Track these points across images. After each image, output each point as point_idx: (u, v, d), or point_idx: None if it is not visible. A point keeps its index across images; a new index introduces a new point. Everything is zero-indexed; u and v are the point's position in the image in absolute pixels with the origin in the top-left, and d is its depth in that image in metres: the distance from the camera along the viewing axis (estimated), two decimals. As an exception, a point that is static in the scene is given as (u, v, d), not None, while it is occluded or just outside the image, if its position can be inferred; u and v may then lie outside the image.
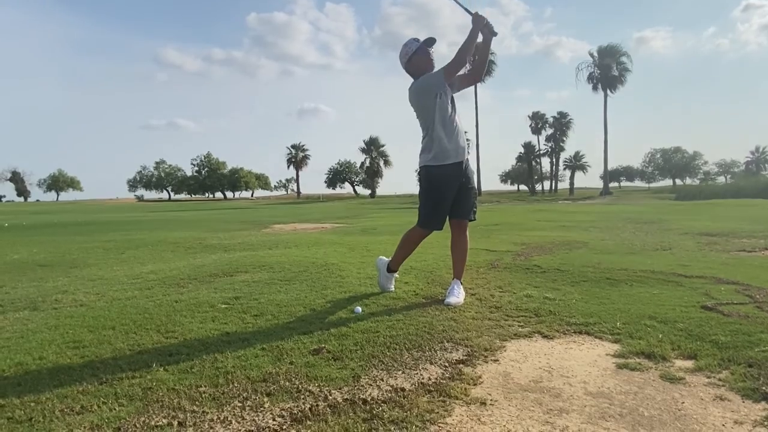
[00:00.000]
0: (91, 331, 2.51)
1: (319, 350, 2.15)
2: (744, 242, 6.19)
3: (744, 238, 6.74)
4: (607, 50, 45.25)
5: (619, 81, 45.16)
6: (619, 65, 45.11)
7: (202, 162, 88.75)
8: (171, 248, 6.54)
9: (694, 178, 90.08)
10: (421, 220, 3.21)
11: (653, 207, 18.46)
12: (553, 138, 59.43)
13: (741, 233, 7.26)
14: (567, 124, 58.15)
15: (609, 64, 44.80)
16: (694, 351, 2.10)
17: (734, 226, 8.42)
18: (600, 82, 45.51)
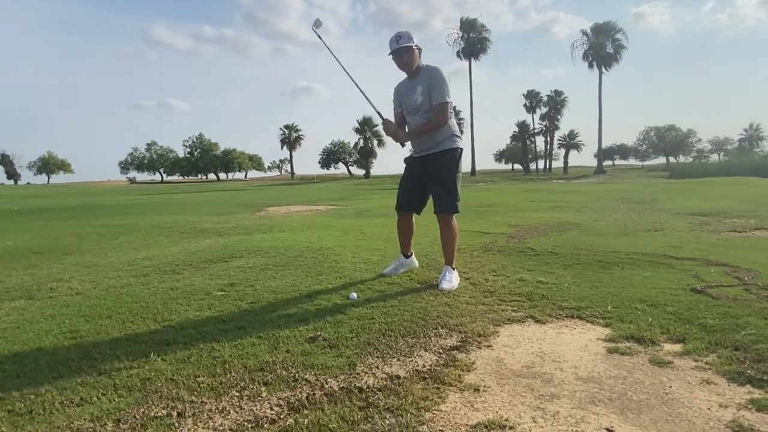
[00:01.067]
0: (88, 321, 2.52)
1: (315, 338, 2.18)
2: (735, 222, 6.26)
3: (735, 217, 6.81)
4: (602, 27, 44.79)
5: (614, 58, 44.84)
6: (614, 42, 44.73)
7: (195, 143, 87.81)
8: (165, 233, 6.53)
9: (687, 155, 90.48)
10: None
11: (646, 186, 18.54)
12: (548, 117, 59.28)
13: (732, 212, 7.33)
14: (562, 102, 57.92)
15: (603, 41, 44.40)
16: (683, 334, 2.15)
17: (726, 205, 8.49)
18: (595, 60, 45.17)
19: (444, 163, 3.17)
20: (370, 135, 58.66)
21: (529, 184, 28.57)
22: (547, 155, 63.88)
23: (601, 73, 45.10)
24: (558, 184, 28.35)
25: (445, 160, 3.16)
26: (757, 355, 1.88)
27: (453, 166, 3.18)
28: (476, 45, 49.28)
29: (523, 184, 29.72)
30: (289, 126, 72.08)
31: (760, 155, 48.52)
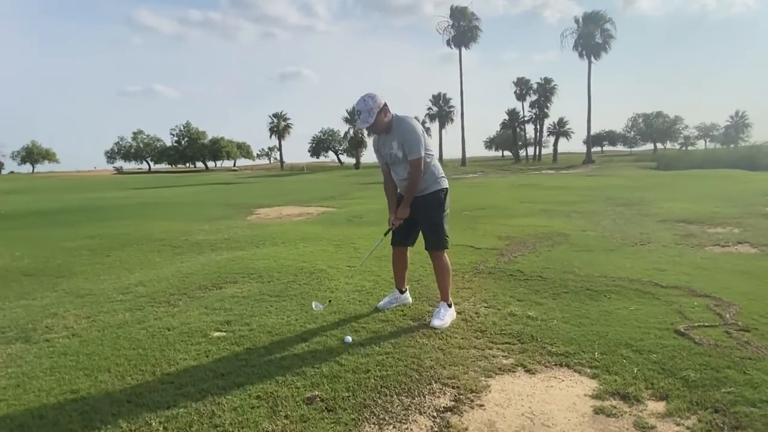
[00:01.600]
0: (87, 376, 2.56)
1: (312, 399, 2.24)
2: (719, 233, 6.41)
3: (719, 225, 6.96)
4: (591, 17, 44.73)
5: (603, 48, 44.88)
6: (603, 32, 44.72)
7: (182, 132, 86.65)
8: (157, 247, 6.52)
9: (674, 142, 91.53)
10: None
11: (634, 180, 18.74)
12: (538, 104, 59.32)
13: (717, 219, 7.48)
14: (551, 90, 57.95)
15: (593, 31, 44.39)
16: (666, 391, 2.24)
17: (711, 209, 8.66)
18: (584, 49, 45.18)
19: (431, 204, 3.26)
20: (360, 124, 58.38)
21: (519, 175, 28.70)
22: (536, 143, 64.11)
23: (590, 63, 45.19)
24: (547, 174, 28.54)
25: (431, 201, 3.26)
26: (735, 420, 1.98)
27: (439, 206, 3.27)
28: (467, 33, 48.99)
29: (513, 175, 29.85)
30: (278, 114, 71.26)
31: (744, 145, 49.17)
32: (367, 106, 3.03)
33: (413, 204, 3.25)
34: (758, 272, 4.29)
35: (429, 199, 3.24)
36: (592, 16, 44.91)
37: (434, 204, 3.25)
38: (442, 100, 59.08)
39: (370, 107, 3.03)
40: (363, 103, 3.04)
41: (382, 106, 3.07)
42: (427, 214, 3.26)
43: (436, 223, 3.25)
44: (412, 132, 3.11)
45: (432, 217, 3.25)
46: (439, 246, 3.26)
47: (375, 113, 3.03)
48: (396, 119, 3.15)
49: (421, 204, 3.24)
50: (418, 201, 3.25)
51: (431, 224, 3.26)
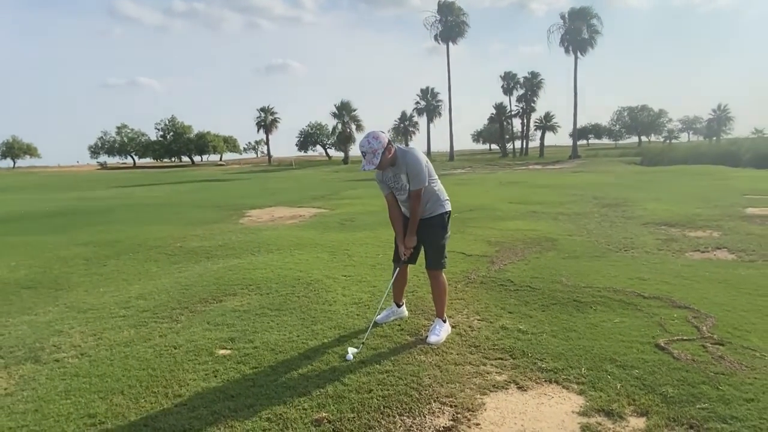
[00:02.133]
0: (102, 399, 2.68)
1: (320, 421, 2.39)
2: (699, 237, 6.67)
3: (699, 229, 7.23)
4: (578, 13, 45.09)
5: (589, 44, 45.30)
6: (590, 28, 45.14)
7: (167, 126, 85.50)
8: (153, 256, 6.60)
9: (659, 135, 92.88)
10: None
11: (619, 177, 19.13)
12: (524, 98, 59.68)
13: (698, 221, 7.77)
14: (538, 84, 58.33)
15: (579, 27, 44.78)
16: (646, 407, 2.43)
17: (693, 210, 8.95)
18: (570, 45, 45.57)
19: (435, 226, 3.41)
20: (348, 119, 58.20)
21: (507, 171, 29.04)
22: (523, 137, 64.60)
23: (577, 58, 45.64)
24: (534, 170, 28.92)
25: (436, 223, 3.41)
26: (707, 437, 2.17)
27: (442, 228, 3.43)
28: (454, 29, 49.09)
29: (501, 170, 30.19)
30: (265, 108, 70.67)
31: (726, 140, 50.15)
32: (372, 147, 3.13)
33: (419, 226, 3.40)
34: (734, 281, 4.52)
35: (434, 221, 3.40)
36: (578, 12, 45.28)
37: (438, 226, 3.41)
38: (429, 94, 59.18)
39: (375, 149, 3.13)
40: (368, 145, 3.14)
41: (386, 145, 3.16)
42: (431, 236, 3.42)
43: (439, 244, 3.41)
44: (417, 164, 3.22)
45: (435, 239, 3.41)
46: (439, 265, 3.43)
47: (380, 154, 3.14)
48: (400, 152, 3.26)
49: (426, 226, 3.40)
50: (423, 223, 3.40)
51: (434, 245, 3.42)
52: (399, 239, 3.51)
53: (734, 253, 5.71)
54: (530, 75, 58.40)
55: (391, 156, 3.23)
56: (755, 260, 5.32)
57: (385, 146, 3.17)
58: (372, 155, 3.15)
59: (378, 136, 3.17)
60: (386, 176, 3.39)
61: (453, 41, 49.96)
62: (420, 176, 3.24)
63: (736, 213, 8.51)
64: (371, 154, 3.15)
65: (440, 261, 3.43)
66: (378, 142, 3.15)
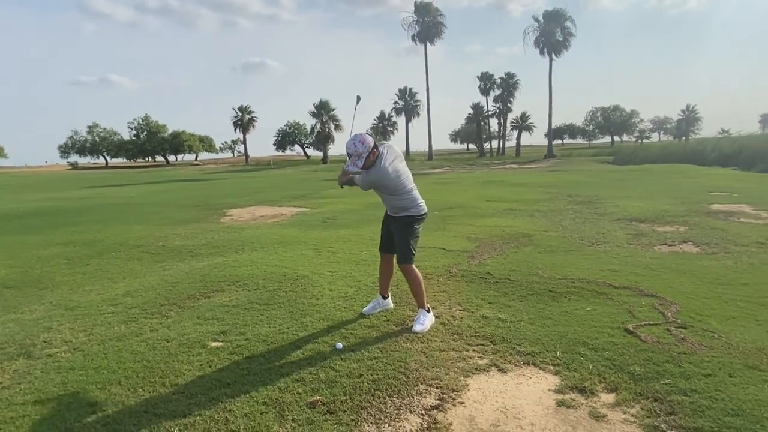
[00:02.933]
0: (101, 389, 2.76)
1: (314, 403, 2.53)
2: (667, 232, 7.02)
3: (667, 224, 7.60)
4: (552, 15, 46.04)
5: (563, 46, 46.30)
6: (564, 30, 46.12)
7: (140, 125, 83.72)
8: (136, 255, 6.60)
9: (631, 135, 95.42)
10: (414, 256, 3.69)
11: (592, 176, 19.68)
12: (501, 99, 60.58)
13: (666, 217, 8.14)
14: (514, 84, 59.29)
15: (553, 29, 45.73)
16: (616, 384, 2.65)
17: (661, 207, 9.36)
18: (545, 47, 46.49)
19: (405, 224, 3.59)
20: (327, 119, 58.06)
21: (485, 170, 29.50)
22: (500, 137, 65.59)
23: (551, 60, 46.55)
24: (511, 170, 29.46)
25: (404, 222, 3.59)
26: (670, 407, 2.39)
27: (410, 227, 3.59)
28: (431, 29, 49.49)
29: (479, 170, 30.65)
30: (242, 108, 69.89)
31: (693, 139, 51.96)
32: (357, 151, 3.30)
33: (393, 220, 3.61)
34: (698, 271, 4.82)
35: (404, 220, 3.59)
36: (552, 14, 46.22)
37: (407, 225, 3.59)
38: (408, 94, 59.53)
39: (360, 152, 3.30)
40: (354, 148, 3.30)
41: (371, 149, 3.33)
42: (399, 233, 3.61)
43: (406, 240, 3.59)
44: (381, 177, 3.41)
45: (403, 236, 3.59)
46: (407, 260, 3.59)
47: (364, 157, 3.32)
48: (379, 160, 3.41)
49: (398, 223, 3.60)
50: (396, 220, 3.61)
51: (402, 241, 3.60)
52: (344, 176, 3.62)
53: (698, 246, 6.05)
54: (506, 76, 59.32)
55: (374, 158, 3.40)
56: (717, 252, 5.66)
57: (370, 150, 3.33)
58: (357, 158, 3.31)
59: (365, 140, 3.32)
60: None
61: (430, 41, 50.39)
62: (365, 184, 3.47)
63: (701, 209, 8.94)
64: (356, 156, 3.31)
65: (408, 256, 3.60)
66: (363, 146, 3.31)
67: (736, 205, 9.27)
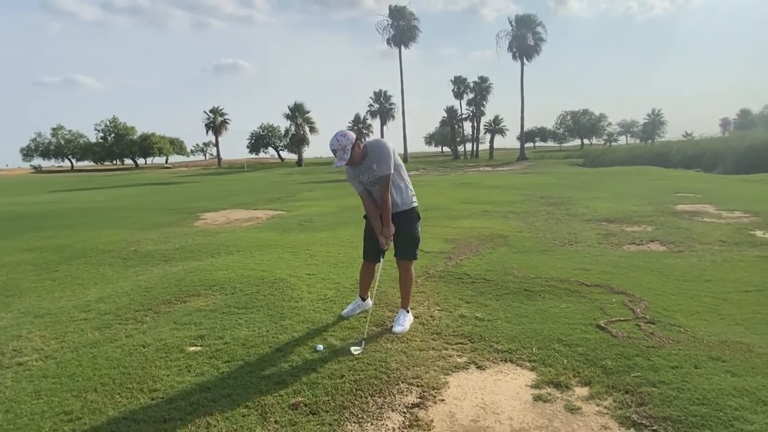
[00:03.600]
0: (76, 397, 2.70)
1: (296, 405, 2.54)
2: (635, 232, 7.26)
3: (635, 224, 7.86)
4: (524, 20, 47.04)
5: (535, 50, 47.33)
6: (535, 35, 47.15)
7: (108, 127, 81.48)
8: (107, 260, 6.45)
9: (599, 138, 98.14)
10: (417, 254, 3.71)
11: (563, 178, 20.15)
12: (474, 102, 61.41)
13: (634, 218, 8.42)
14: (487, 88, 60.18)
15: (525, 33, 46.69)
16: (589, 378, 2.74)
17: (629, 207, 9.67)
18: (518, 51, 47.41)
19: (412, 218, 3.61)
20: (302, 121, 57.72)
21: (459, 173, 29.84)
22: (474, 140, 66.47)
23: (523, 64, 47.51)
24: (485, 172, 29.89)
25: (412, 216, 3.61)
26: (640, 399, 2.50)
27: (417, 220, 3.65)
28: (406, 33, 49.86)
29: (453, 172, 31.00)
30: (215, 110, 68.82)
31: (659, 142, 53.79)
32: (341, 144, 3.29)
33: (395, 219, 3.55)
34: (665, 269, 5.02)
35: (409, 214, 3.60)
36: (524, 19, 47.20)
37: (414, 218, 3.62)
38: (383, 97, 59.76)
39: (344, 145, 3.29)
40: (336, 143, 3.30)
41: (354, 140, 3.33)
42: (408, 227, 3.60)
43: (415, 236, 3.62)
44: (382, 149, 3.39)
45: (411, 230, 3.61)
46: (412, 256, 3.64)
47: (349, 150, 3.30)
48: (368, 145, 3.46)
49: (404, 218, 3.58)
50: (401, 215, 3.57)
51: (410, 236, 3.61)
52: (378, 232, 3.58)
53: (665, 245, 6.29)
54: (480, 80, 60.19)
55: (361, 150, 3.41)
56: (682, 251, 5.89)
57: (353, 142, 3.34)
58: (342, 152, 3.32)
59: (345, 134, 3.34)
60: (360, 172, 3.51)
61: (405, 45, 50.76)
62: (386, 161, 3.38)
63: (667, 209, 9.27)
64: (341, 150, 3.32)
65: (414, 252, 3.65)
66: (346, 139, 3.32)
67: (699, 206, 9.65)
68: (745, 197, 10.92)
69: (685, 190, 12.99)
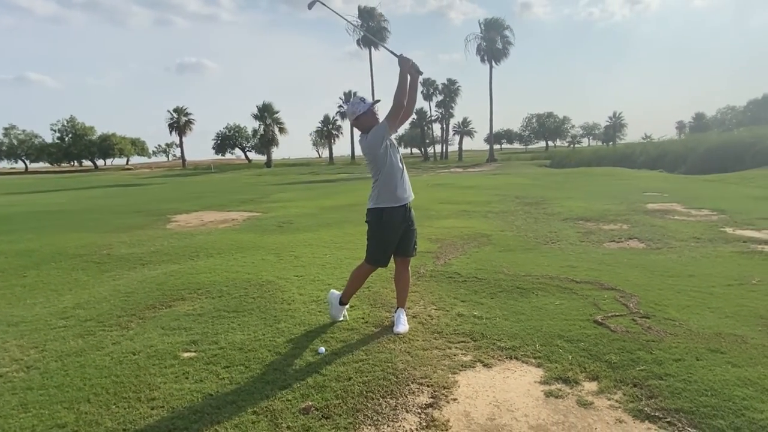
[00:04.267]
0: (68, 409, 2.53)
1: (307, 410, 2.46)
2: (612, 230, 7.46)
3: (611, 222, 8.07)
4: (492, 23, 47.89)
5: (503, 54, 48.24)
6: (503, 39, 48.05)
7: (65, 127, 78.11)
8: (79, 264, 6.14)
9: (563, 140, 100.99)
10: (369, 258, 3.57)
11: (534, 178, 20.58)
12: (443, 104, 62.07)
13: (609, 216, 8.65)
14: (456, 91, 60.95)
15: (494, 37, 47.52)
16: (596, 373, 2.77)
17: (603, 206, 9.94)
18: (486, 54, 48.19)
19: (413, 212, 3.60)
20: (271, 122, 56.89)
21: (431, 174, 30.04)
22: (443, 141, 67.25)
23: (492, 67, 48.33)
24: (457, 173, 30.20)
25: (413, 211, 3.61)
26: (649, 392, 2.54)
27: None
28: (375, 34, 49.88)
29: (426, 173, 31.17)
30: (179, 109, 66.96)
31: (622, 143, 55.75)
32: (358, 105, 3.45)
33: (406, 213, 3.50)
34: (648, 265, 5.16)
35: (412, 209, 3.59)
36: (492, 23, 48.04)
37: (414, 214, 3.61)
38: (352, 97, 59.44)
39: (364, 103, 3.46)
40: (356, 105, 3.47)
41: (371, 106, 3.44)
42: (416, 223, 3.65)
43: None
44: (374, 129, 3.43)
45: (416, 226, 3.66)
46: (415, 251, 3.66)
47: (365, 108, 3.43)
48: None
49: (411, 212, 3.56)
50: (408, 210, 3.53)
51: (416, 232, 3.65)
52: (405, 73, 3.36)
53: (643, 242, 6.48)
54: (448, 82, 60.90)
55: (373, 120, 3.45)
56: (661, 248, 6.08)
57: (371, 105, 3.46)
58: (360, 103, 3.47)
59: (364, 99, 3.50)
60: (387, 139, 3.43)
61: (375, 46, 50.77)
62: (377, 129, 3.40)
63: (639, 208, 9.58)
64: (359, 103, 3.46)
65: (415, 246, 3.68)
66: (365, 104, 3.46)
67: (668, 204, 10.02)
68: (708, 196, 11.41)
69: (652, 189, 13.47)
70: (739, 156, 20.46)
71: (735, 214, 8.46)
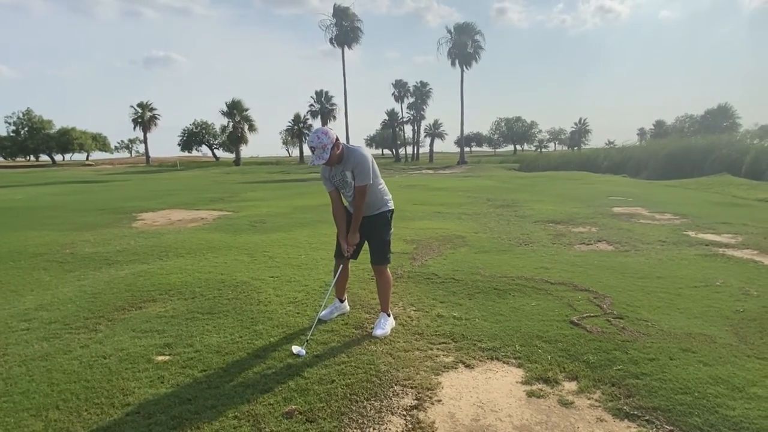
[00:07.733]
0: (34, 416, 2.40)
1: (291, 413, 2.41)
2: (582, 232, 7.65)
3: (580, 225, 8.28)
4: (464, 28, 48.46)
5: (473, 58, 48.87)
6: (474, 43, 48.70)
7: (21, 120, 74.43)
8: (41, 264, 5.86)
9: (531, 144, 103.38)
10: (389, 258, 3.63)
11: (504, 181, 20.94)
12: (415, 106, 62.38)
13: (578, 219, 8.88)
14: (427, 93, 61.33)
15: (465, 41, 48.12)
16: (575, 373, 2.82)
17: (571, 209, 10.19)
18: (457, 58, 48.74)
19: (380, 223, 3.54)
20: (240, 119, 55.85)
21: (403, 175, 30.15)
22: (414, 143, 67.55)
23: (463, 71, 48.91)
24: (428, 175, 30.41)
25: (380, 221, 3.55)
26: (627, 391, 2.60)
27: (386, 225, 3.58)
28: (349, 34, 49.73)
29: (398, 174, 31.25)
30: (143, 104, 64.81)
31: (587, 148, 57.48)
32: (321, 142, 3.17)
33: (363, 223, 3.50)
34: (618, 267, 5.31)
35: (378, 219, 3.53)
36: (464, 27, 48.61)
37: (382, 223, 3.55)
38: (324, 97, 59.23)
39: (324, 144, 3.17)
40: (317, 140, 3.17)
41: (335, 140, 3.22)
42: (375, 233, 3.54)
43: (384, 240, 3.55)
44: (364, 161, 3.33)
45: (380, 235, 3.54)
46: (384, 261, 3.56)
47: (329, 149, 3.19)
48: (348, 150, 3.34)
49: (371, 223, 3.52)
50: (367, 220, 3.52)
51: (379, 241, 3.54)
52: (341, 236, 3.57)
53: (612, 244, 6.67)
54: (420, 84, 61.22)
55: (339, 152, 3.31)
56: (629, 250, 6.27)
57: (334, 142, 3.24)
58: (321, 150, 3.20)
59: (327, 132, 3.23)
60: (333, 173, 3.45)
61: (348, 46, 50.62)
62: (365, 173, 3.35)
63: (606, 212, 9.87)
64: (320, 149, 3.20)
65: (385, 257, 3.58)
66: (327, 137, 3.21)
67: (633, 208, 10.36)
68: (671, 201, 11.86)
69: (617, 193, 13.90)
70: (698, 163, 21.39)
71: (696, 218, 8.82)
